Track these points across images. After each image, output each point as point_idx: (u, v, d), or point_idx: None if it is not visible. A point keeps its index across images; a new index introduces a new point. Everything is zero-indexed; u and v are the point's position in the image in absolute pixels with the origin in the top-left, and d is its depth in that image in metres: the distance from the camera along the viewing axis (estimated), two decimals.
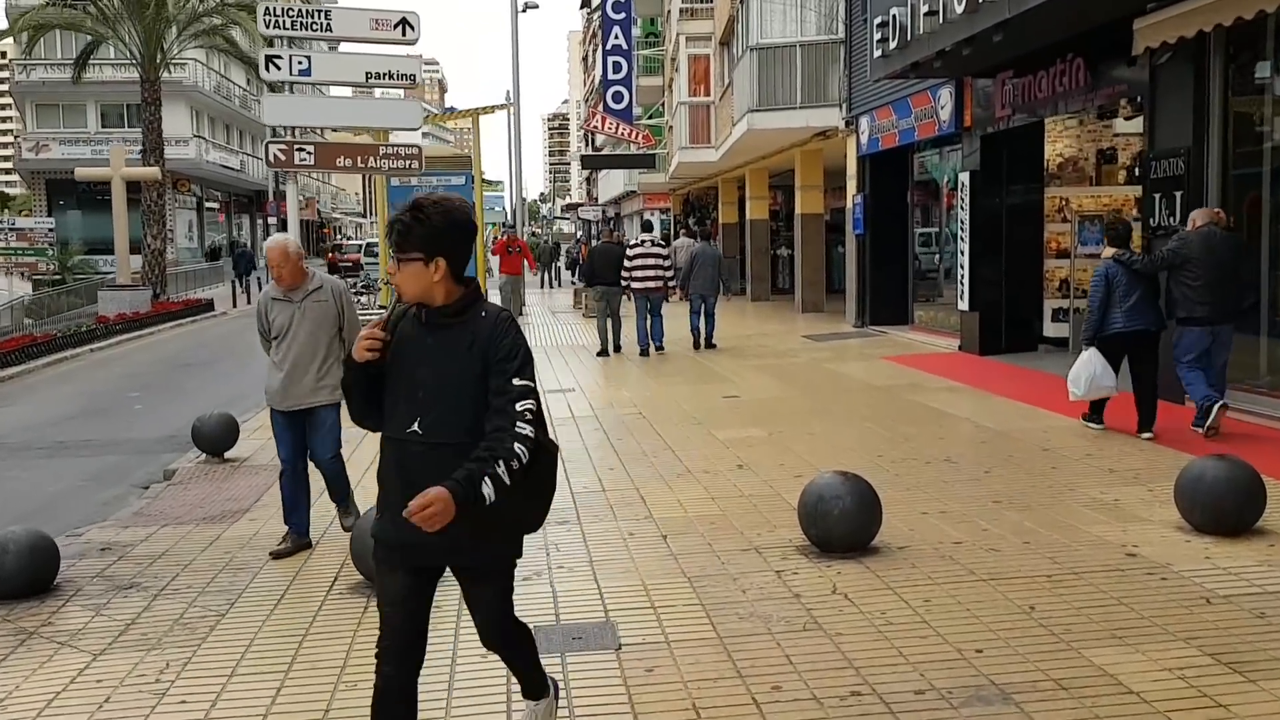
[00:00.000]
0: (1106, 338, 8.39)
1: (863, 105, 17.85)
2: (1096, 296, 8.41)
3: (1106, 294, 8.35)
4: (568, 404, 11.53)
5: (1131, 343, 8.38)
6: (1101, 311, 8.35)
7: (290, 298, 6.20)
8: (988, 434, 9.00)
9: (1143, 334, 8.37)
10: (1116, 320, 8.32)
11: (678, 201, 37.56)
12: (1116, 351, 8.42)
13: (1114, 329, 8.35)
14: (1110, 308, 8.32)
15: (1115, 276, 8.35)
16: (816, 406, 10.75)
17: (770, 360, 14.80)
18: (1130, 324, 8.30)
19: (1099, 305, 8.36)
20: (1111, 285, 8.34)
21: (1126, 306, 8.28)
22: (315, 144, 11.37)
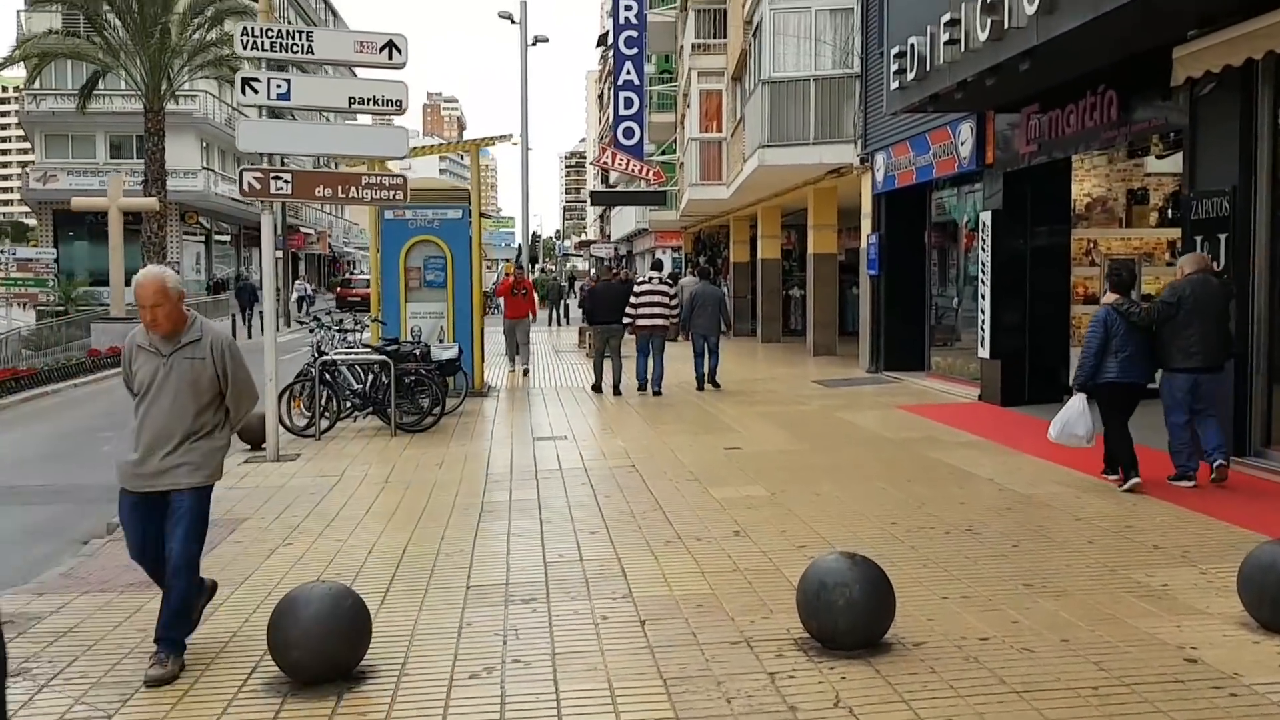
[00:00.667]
0: (1099, 386, 8.21)
1: (879, 141, 17.11)
2: (1094, 342, 8.19)
3: (1104, 340, 8.15)
4: (557, 454, 10.69)
5: (1122, 394, 8.21)
6: (1097, 358, 8.16)
7: (159, 349, 4.98)
8: (1013, 499, 8.13)
9: (1134, 387, 8.22)
10: (1110, 369, 8.14)
11: (689, 240, 36.87)
12: (1109, 402, 8.23)
13: (1106, 378, 8.17)
14: (1106, 355, 8.14)
15: (1114, 324, 8.14)
16: (825, 461, 9.89)
17: (777, 407, 13.95)
18: (1124, 375, 8.13)
19: (1095, 351, 8.16)
20: (1110, 332, 8.14)
21: (1123, 357, 8.11)
22: (293, 173, 10.61)
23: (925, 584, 5.91)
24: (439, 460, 10.56)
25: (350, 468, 10.33)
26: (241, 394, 5.14)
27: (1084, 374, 8.26)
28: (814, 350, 21.40)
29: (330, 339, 13.33)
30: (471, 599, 5.90)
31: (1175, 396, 8.15)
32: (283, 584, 6.34)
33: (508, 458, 10.58)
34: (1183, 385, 8.09)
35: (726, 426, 12.27)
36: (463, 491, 8.97)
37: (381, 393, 12.44)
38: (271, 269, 10.88)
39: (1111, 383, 8.16)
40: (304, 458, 10.96)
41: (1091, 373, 8.19)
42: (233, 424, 5.19)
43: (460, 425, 12.95)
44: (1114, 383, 8.15)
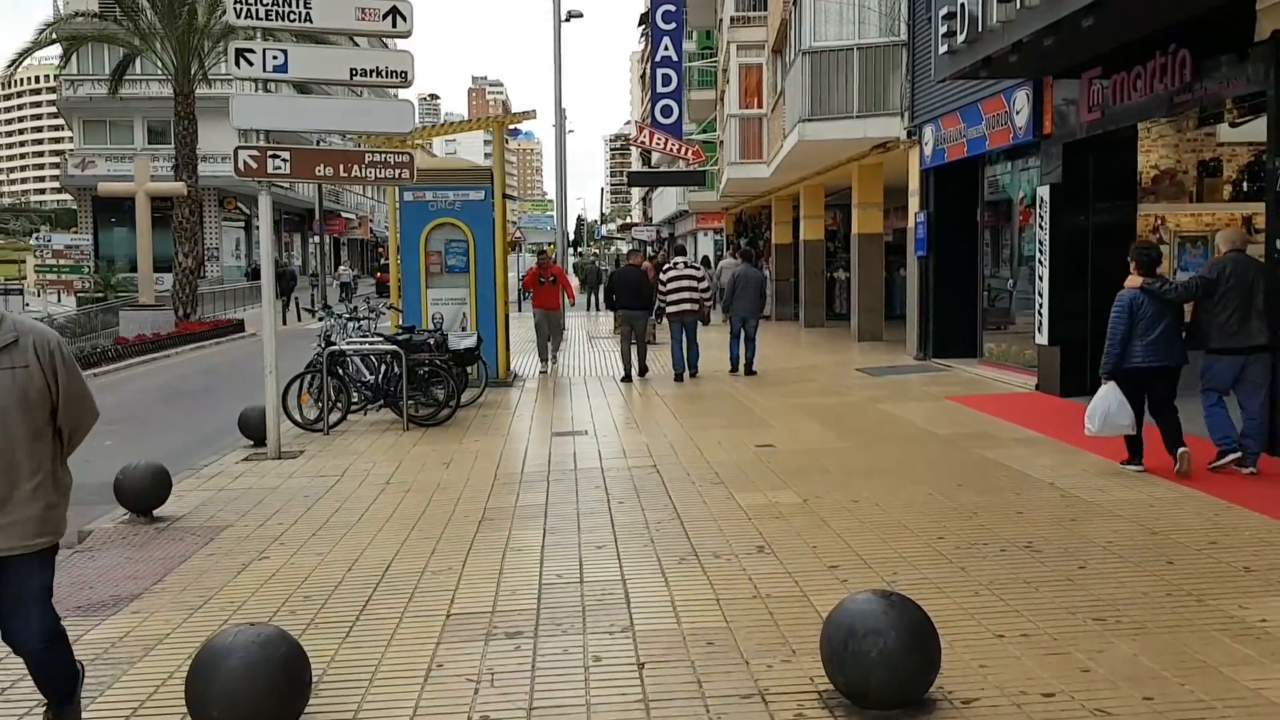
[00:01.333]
0: (1125, 371, 7.94)
1: (927, 113, 16.08)
2: (1119, 328, 7.94)
3: (1130, 325, 7.91)
4: (574, 452, 9.90)
5: (1151, 379, 7.94)
6: (1123, 344, 7.91)
7: None
8: (1077, 507, 7.20)
9: (1164, 370, 7.94)
10: (1136, 354, 7.89)
11: (730, 221, 35.87)
12: (1136, 387, 7.96)
13: (1133, 363, 7.91)
14: (1131, 340, 7.89)
15: (1140, 307, 7.89)
16: (865, 462, 9.00)
17: (816, 399, 13.05)
18: (1150, 359, 7.86)
19: (1121, 337, 7.91)
20: (1135, 316, 7.90)
21: (1149, 340, 7.85)
22: (291, 150, 9.89)
23: (977, 617, 5.04)
24: (448, 458, 9.82)
25: (353, 466, 9.62)
26: (81, 411, 3.90)
27: (1111, 361, 7.97)
28: (858, 336, 20.41)
29: (340, 327, 12.62)
30: (450, 631, 5.12)
31: (1217, 379, 7.89)
32: (245, 609, 5.62)
33: (521, 456, 9.81)
34: (1228, 367, 7.83)
35: (760, 420, 11.41)
36: (466, 495, 8.21)
37: (393, 385, 11.73)
38: (269, 251, 10.20)
39: (1139, 369, 7.88)
40: (307, 455, 10.27)
41: (1117, 359, 7.92)
42: (68, 450, 3.96)
43: (478, 418, 12.21)
44: (1141, 368, 7.88)
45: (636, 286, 15.42)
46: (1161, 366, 7.90)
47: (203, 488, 8.93)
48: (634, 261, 16.87)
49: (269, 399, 10.27)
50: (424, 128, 17.49)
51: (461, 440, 10.75)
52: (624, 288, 15.53)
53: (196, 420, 14.07)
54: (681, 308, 15.14)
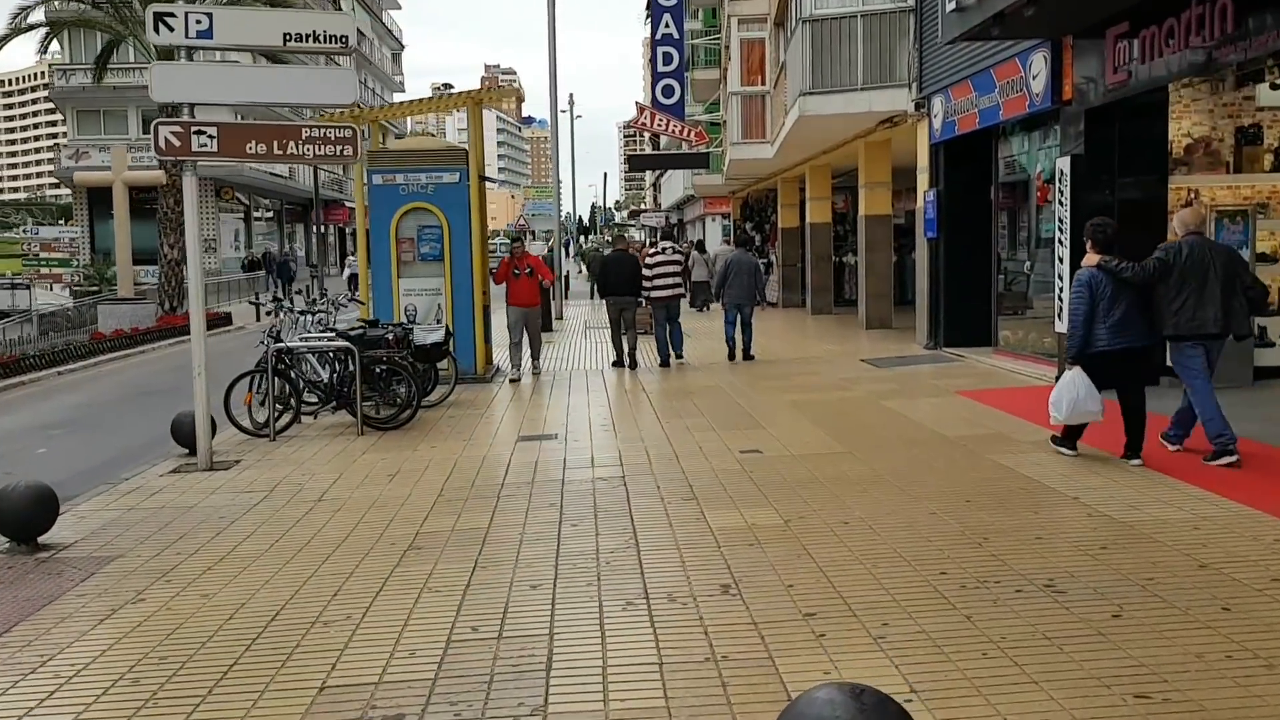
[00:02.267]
0: (1091, 357, 7.59)
1: (935, 83, 14.90)
2: (1079, 308, 7.59)
3: (1091, 305, 7.54)
4: (537, 460, 8.82)
5: (1117, 361, 7.60)
6: (1086, 326, 7.56)
7: None
8: (1109, 530, 6.07)
9: (1129, 351, 7.61)
10: (1101, 337, 7.56)
11: (736, 205, 34.65)
12: (1102, 371, 7.62)
13: (1098, 347, 7.57)
14: (1094, 322, 7.54)
15: (1100, 286, 7.55)
16: (862, 471, 7.88)
17: (815, 394, 11.93)
18: (1115, 341, 7.53)
19: (1083, 318, 7.56)
20: (1096, 296, 7.53)
21: (1112, 321, 7.53)
22: (219, 126, 8.82)
23: (985, 689, 3.94)
24: (396, 468, 8.76)
25: (289, 478, 8.58)
26: None
27: (1075, 344, 7.63)
28: (866, 323, 19.26)
29: (293, 322, 11.58)
30: (313, 715, 4.05)
31: (1187, 366, 7.59)
32: (85, 674, 4.57)
33: (477, 466, 8.73)
34: (1193, 353, 7.54)
35: (750, 420, 10.30)
36: (402, 516, 7.15)
37: (348, 385, 10.67)
38: (196, 244, 9.13)
39: (1103, 351, 7.54)
40: (243, 465, 9.24)
41: (1082, 342, 7.58)
42: None
43: (444, 420, 11.15)
44: (1105, 351, 7.54)
45: (628, 273, 15.23)
46: (1126, 348, 7.55)
47: (111, 507, 7.89)
48: (621, 247, 16.45)
49: (198, 404, 9.24)
50: (392, 105, 16.38)
51: (417, 447, 9.69)
52: (615, 274, 15.29)
53: (151, 423, 13.01)
54: (668, 293, 15.12)
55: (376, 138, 15.44)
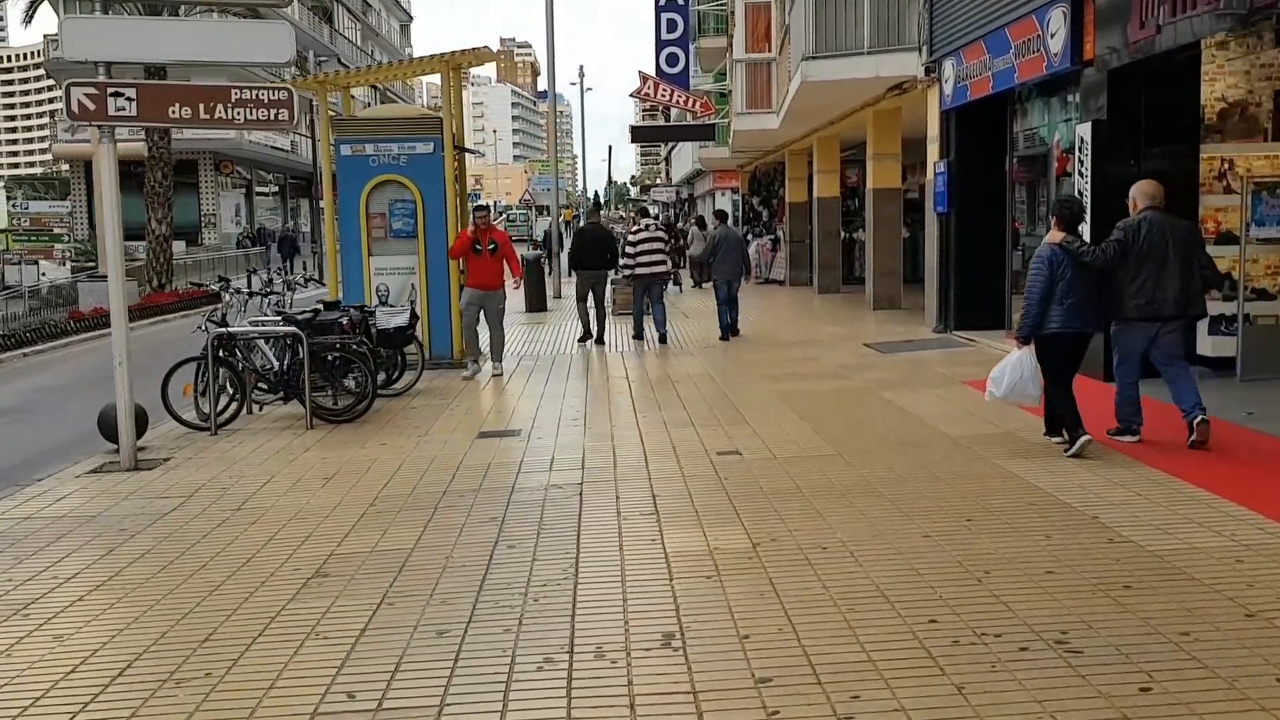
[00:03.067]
0: (1041, 338, 7.29)
1: (947, 44, 13.83)
2: (1037, 286, 7.25)
3: (1049, 285, 7.22)
4: (491, 462, 7.90)
5: (1067, 346, 7.33)
6: (1043, 305, 7.23)
7: None
8: (1135, 561, 5.11)
9: (1080, 336, 7.36)
10: (1054, 318, 7.23)
11: (745, 179, 33.55)
12: (1052, 354, 7.31)
13: (1050, 329, 7.25)
14: (1049, 302, 7.21)
15: (1060, 266, 7.21)
16: (851, 479, 6.93)
17: (809, 383, 10.97)
18: (1068, 325, 7.23)
19: (1040, 296, 7.22)
20: (1055, 276, 7.21)
21: (1068, 304, 7.21)
22: (139, 87, 7.90)
23: None
24: (335, 469, 7.88)
25: (215, 481, 7.71)
26: None
27: (1029, 323, 7.30)
28: (874, 303, 18.25)
29: (240, 306, 10.70)
30: None
31: (1126, 350, 7.42)
32: None
33: (423, 468, 7.82)
34: (1137, 338, 7.31)
35: (734, 415, 9.35)
36: (321, 532, 6.26)
37: (296, 374, 9.78)
38: (114, 217, 8.23)
39: (1055, 334, 7.23)
40: (171, 464, 8.38)
41: (1036, 321, 7.25)
42: None
43: (405, 411, 10.26)
44: (1058, 334, 7.22)
45: (602, 246, 15.31)
46: (1078, 333, 7.29)
47: (4, 516, 7.02)
48: (595, 220, 16.62)
49: (120, 397, 8.37)
50: (358, 70, 15.41)
51: (366, 443, 8.79)
52: (592, 247, 15.26)
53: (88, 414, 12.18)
54: (652, 270, 14.84)
55: (348, 105, 14.32)
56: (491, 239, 12.22)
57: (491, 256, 12.23)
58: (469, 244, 12.25)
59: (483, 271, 12.27)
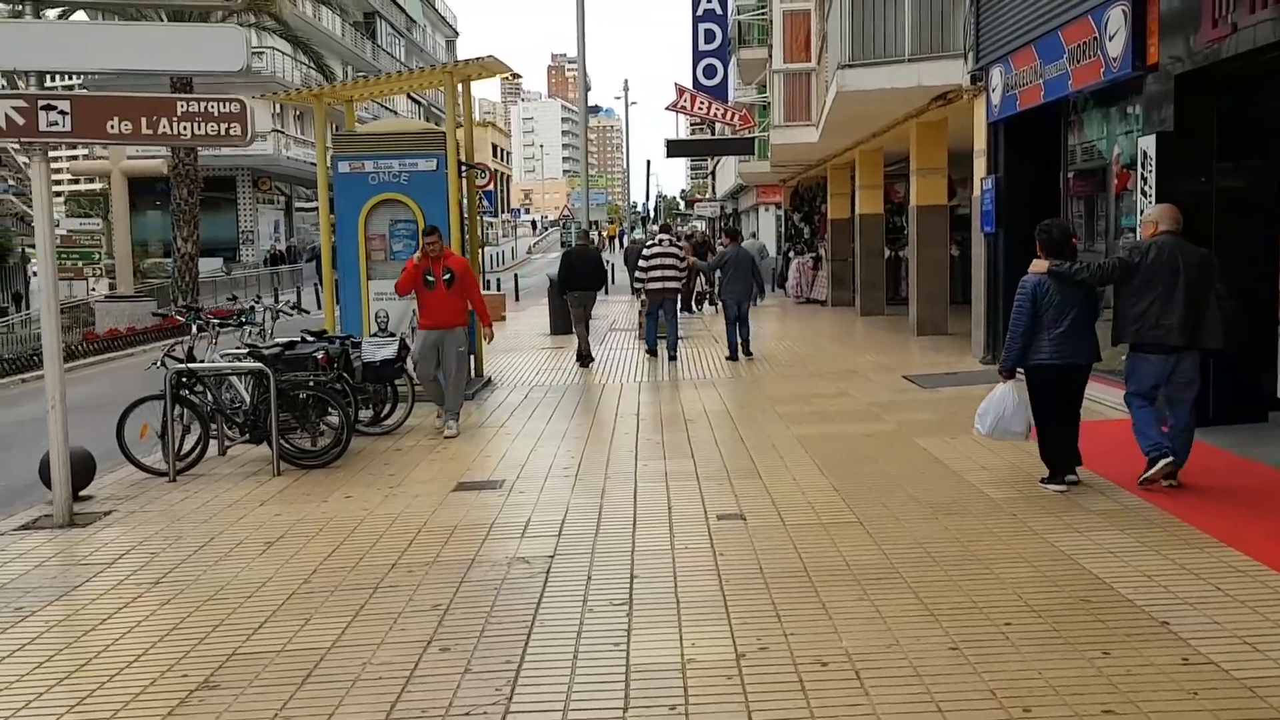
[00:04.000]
0: (1031, 369, 7.10)
1: (994, 50, 12.68)
2: (1020, 319, 7.04)
3: (1032, 315, 6.99)
4: (457, 525, 6.90)
5: (1058, 377, 7.06)
6: (1025, 338, 7.01)
7: None
8: (1220, 693, 3.98)
9: (1069, 367, 7.07)
10: (1042, 349, 6.98)
11: (787, 194, 32.40)
12: (1043, 386, 7.11)
13: (1038, 359, 7.02)
14: (1037, 332, 6.97)
15: (1045, 294, 6.97)
16: (869, 559, 5.84)
17: (836, 424, 9.86)
18: (1056, 355, 6.96)
19: (1023, 329, 7.01)
20: (1039, 305, 6.97)
21: (1057, 332, 6.94)
22: (73, 99, 7.06)
23: None
24: (282, 531, 6.93)
25: (147, 543, 6.82)
26: None
27: (1011, 357, 7.10)
28: (917, 328, 17.05)
29: (213, 337, 9.85)
30: None
31: (1139, 380, 7.01)
32: None
33: (383, 529, 6.85)
34: (1149, 370, 6.93)
35: (745, 465, 8.28)
36: (232, 621, 5.30)
37: (263, 414, 8.87)
38: (47, 246, 7.36)
39: (1042, 365, 6.97)
40: (111, 519, 7.51)
41: (1019, 355, 7.03)
42: None
43: (387, 454, 9.33)
44: (1045, 365, 6.97)
45: (591, 268, 15.62)
46: (1069, 364, 6.98)
47: None
48: (583, 243, 17.07)
49: (53, 445, 7.51)
50: (360, 82, 14.55)
51: (328, 496, 7.85)
52: (581, 269, 15.47)
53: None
54: (665, 285, 14.91)
55: (351, 120, 13.48)
56: (447, 268, 10.14)
57: (448, 289, 10.14)
58: (418, 276, 10.16)
59: (437, 308, 10.16)
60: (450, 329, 10.12)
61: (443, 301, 10.11)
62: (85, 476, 8.27)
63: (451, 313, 10.15)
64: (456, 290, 10.15)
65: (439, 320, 10.12)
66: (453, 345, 10.12)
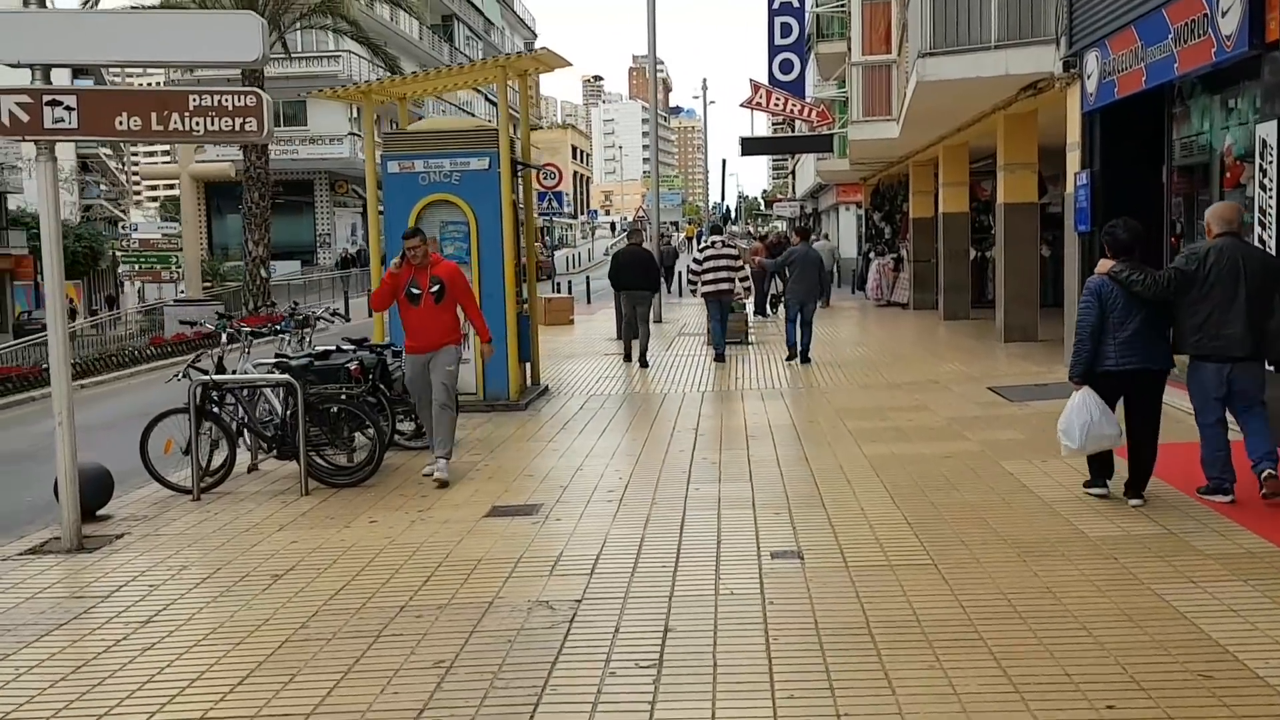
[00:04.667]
0: (1098, 376, 6.55)
1: (1089, 34, 11.67)
2: (1086, 320, 6.55)
3: (1100, 318, 6.49)
4: (482, 559, 6.23)
5: (1126, 385, 6.55)
6: (1093, 341, 6.52)
7: None
8: None
9: (1140, 374, 6.54)
10: (1108, 354, 6.50)
11: (867, 193, 31.30)
12: (1109, 394, 6.57)
13: (1105, 366, 6.53)
14: (1104, 337, 6.48)
15: (1110, 297, 6.47)
16: (945, 612, 5.01)
17: (913, 443, 9.00)
18: (1124, 361, 6.48)
19: (1089, 331, 6.52)
20: (1105, 308, 6.46)
21: (1122, 338, 6.46)
22: (80, 94, 6.59)
23: None
24: (294, 561, 6.35)
25: (151, 572, 6.33)
26: None
27: (1080, 363, 6.67)
28: (1004, 334, 16.00)
29: (246, 346, 9.38)
30: None
31: (1202, 391, 6.59)
32: None
33: (400, 562, 6.21)
34: (1211, 377, 6.50)
35: (808, 490, 7.49)
36: (214, 674, 4.71)
37: (292, 429, 8.32)
38: (53, 249, 6.88)
39: (1112, 372, 6.55)
40: (118, 544, 7.01)
41: (1090, 358, 6.61)
42: None
43: (420, 472, 8.71)
44: (1114, 372, 6.55)
45: (642, 266, 15.36)
46: (1140, 370, 6.56)
47: None
48: (635, 242, 16.42)
49: (61, 466, 7.01)
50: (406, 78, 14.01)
51: (352, 521, 7.24)
52: (629, 268, 15.27)
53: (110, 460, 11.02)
54: (717, 287, 15.01)
55: (405, 117, 12.97)
56: (434, 278, 8.35)
57: (437, 303, 8.31)
58: (398, 287, 8.41)
59: (425, 326, 8.33)
60: (439, 350, 8.36)
61: (431, 318, 8.31)
62: (102, 495, 7.82)
63: (442, 330, 8.38)
64: (447, 303, 8.41)
65: (428, 340, 8.33)
66: (441, 364, 8.34)
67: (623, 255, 15.96)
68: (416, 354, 8.43)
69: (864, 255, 31.01)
